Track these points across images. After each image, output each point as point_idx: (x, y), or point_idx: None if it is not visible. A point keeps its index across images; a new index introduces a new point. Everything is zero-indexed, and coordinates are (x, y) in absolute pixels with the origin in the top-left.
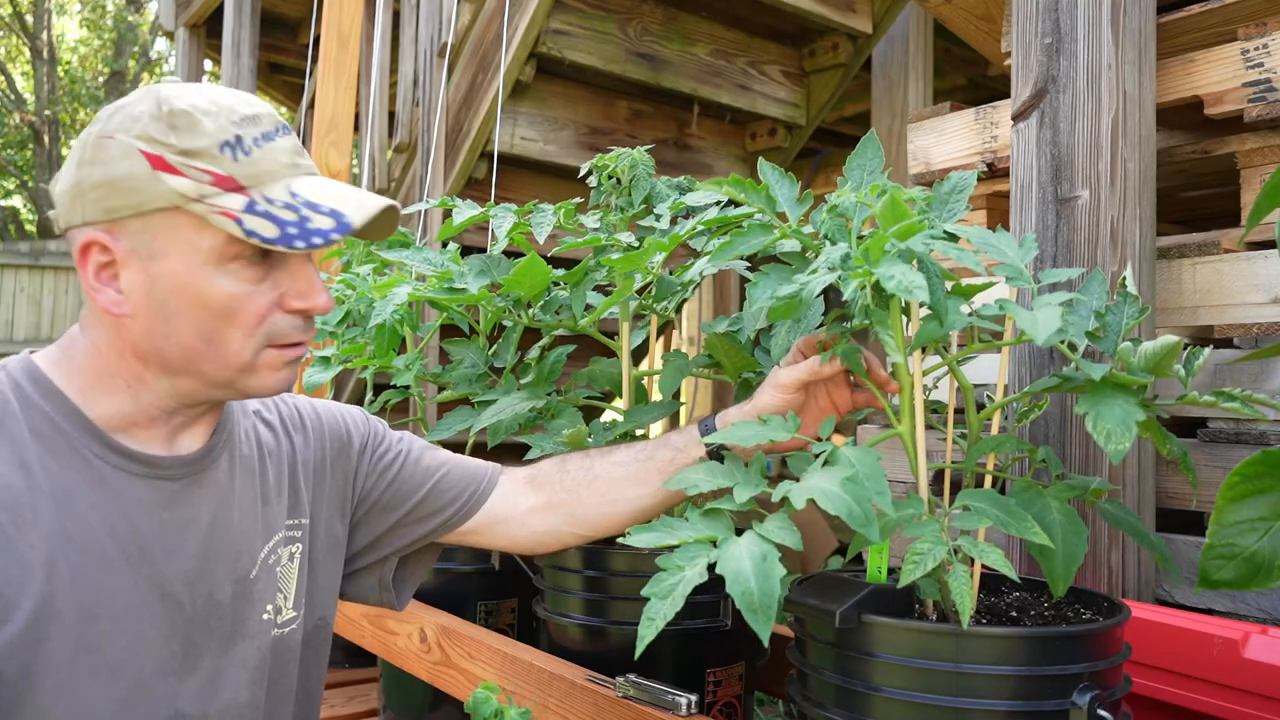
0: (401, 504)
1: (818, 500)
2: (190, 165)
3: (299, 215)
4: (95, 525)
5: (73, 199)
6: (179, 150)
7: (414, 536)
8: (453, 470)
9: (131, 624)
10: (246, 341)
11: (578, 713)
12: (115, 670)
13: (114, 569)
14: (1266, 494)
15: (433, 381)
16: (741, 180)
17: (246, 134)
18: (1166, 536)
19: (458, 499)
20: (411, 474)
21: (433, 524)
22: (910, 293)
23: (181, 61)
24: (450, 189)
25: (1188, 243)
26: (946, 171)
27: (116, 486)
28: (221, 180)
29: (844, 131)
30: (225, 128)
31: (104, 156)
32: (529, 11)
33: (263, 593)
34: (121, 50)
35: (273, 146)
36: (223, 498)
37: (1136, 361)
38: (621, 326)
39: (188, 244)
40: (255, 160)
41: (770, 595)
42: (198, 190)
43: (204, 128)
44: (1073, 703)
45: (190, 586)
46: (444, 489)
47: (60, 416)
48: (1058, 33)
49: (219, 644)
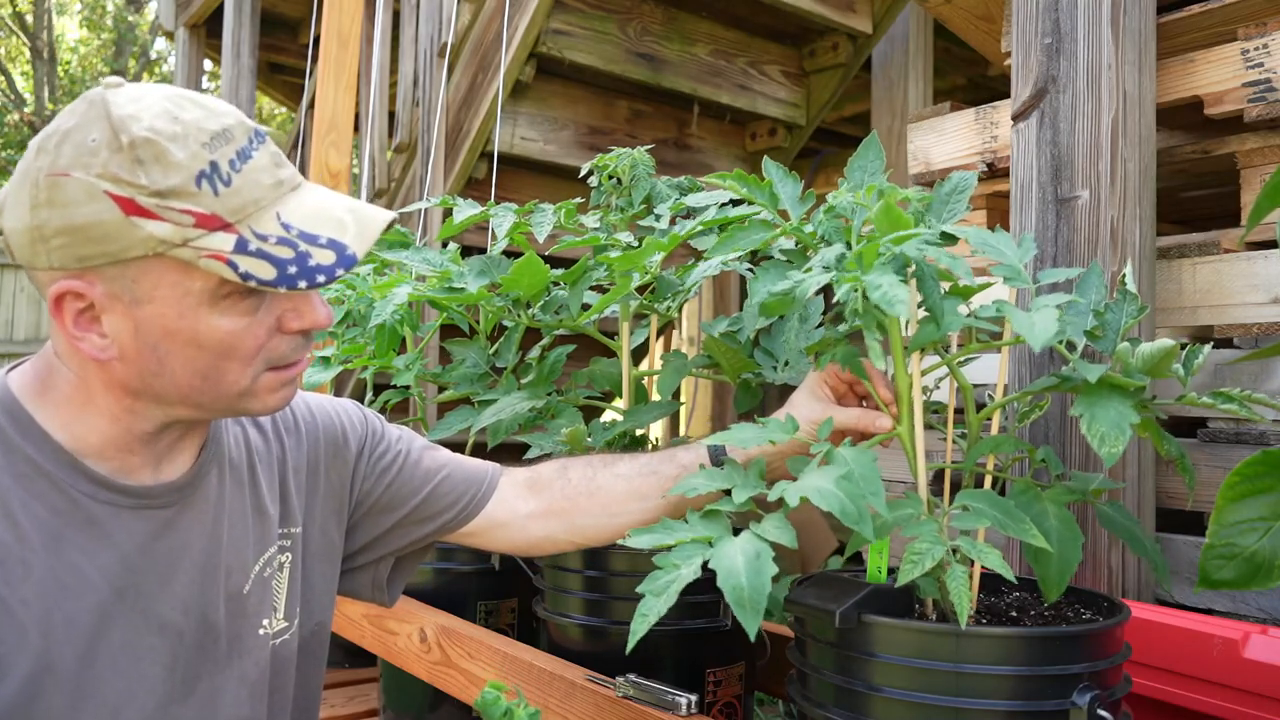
0: (400, 506)
1: (812, 498)
2: (167, 207)
3: (296, 251)
4: (87, 569)
5: (33, 244)
6: (151, 191)
7: (412, 538)
8: (453, 472)
9: (130, 663)
10: (245, 371)
11: (578, 713)
12: (116, 712)
13: (108, 611)
14: (1266, 494)
15: (433, 381)
16: (745, 176)
17: (221, 157)
18: (1166, 537)
19: (457, 502)
20: (411, 475)
21: (431, 526)
22: (891, 306)
23: (181, 61)
24: (450, 189)
25: (1188, 243)
26: (946, 171)
27: (107, 525)
28: (205, 220)
29: (844, 131)
30: (197, 154)
31: (62, 198)
32: (529, 11)
33: (258, 606)
34: (121, 50)
35: (251, 166)
36: (214, 515)
37: (1134, 362)
38: (621, 326)
39: (176, 287)
40: (237, 189)
41: (760, 591)
42: (180, 235)
43: (174, 158)
44: (1073, 703)
45: (186, 613)
46: (444, 491)
47: (43, 458)
48: (1058, 33)
49: (216, 664)
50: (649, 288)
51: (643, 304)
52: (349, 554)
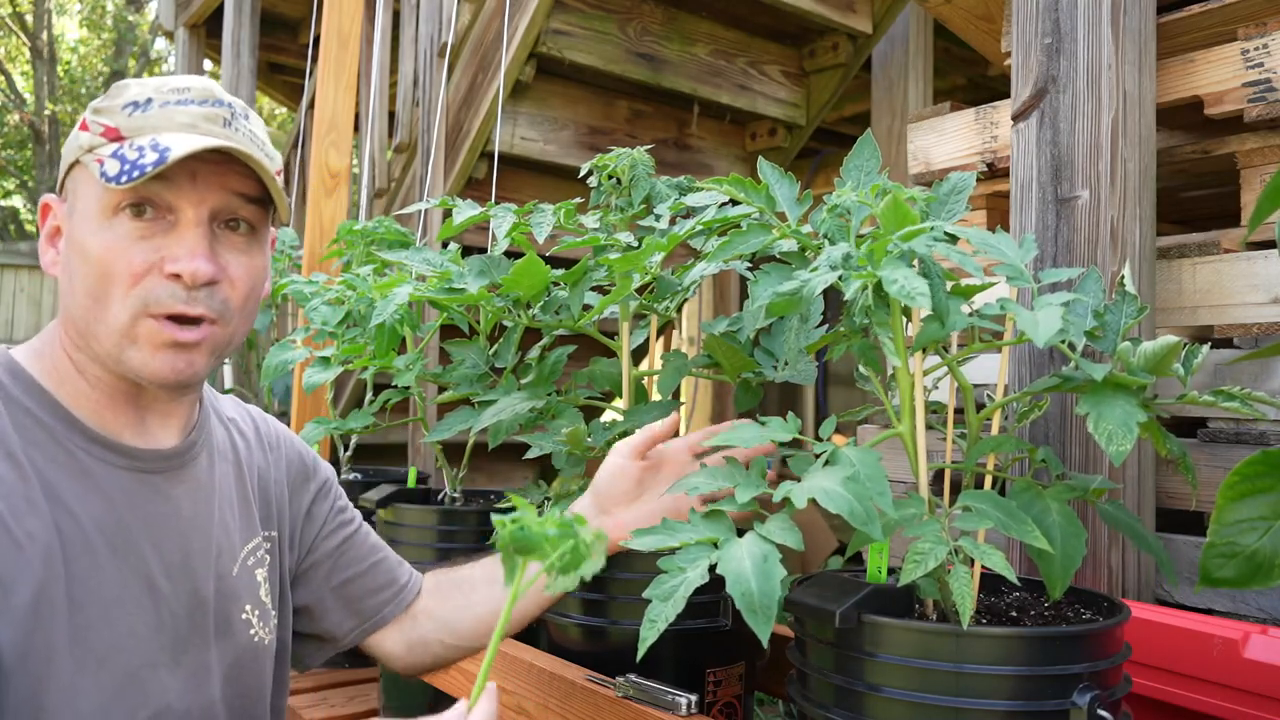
0: (345, 569)
1: (819, 500)
2: (96, 120)
3: (140, 156)
4: (82, 517)
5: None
6: (95, 109)
7: (341, 621)
8: (387, 558)
9: (119, 615)
10: (124, 302)
11: (578, 713)
12: (103, 661)
13: (101, 561)
14: (1266, 493)
15: (433, 381)
16: (741, 179)
17: (161, 98)
18: (1166, 536)
19: (387, 590)
20: (362, 542)
21: (360, 615)
22: (913, 299)
23: (181, 61)
24: (450, 189)
25: (1188, 243)
26: (946, 171)
27: (100, 478)
28: (109, 131)
29: (844, 131)
30: (146, 92)
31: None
32: (529, 11)
33: (242, 592)
34: (121, 50)
35: (180, 110)
36: (204, 494)
37: (1136, 361)
38: (621, 327)
39: (88, 198)
40: (150, 116)
41: (770, 596)
42: (90, 141)
43: (129, 92)
44: (1073, 703)
45: (172, 580)
46: (379, 574)
47: (42, 411)
48: (1058, 33)
49: (204, 639)
50: (649, 288)
51: (642, 304)
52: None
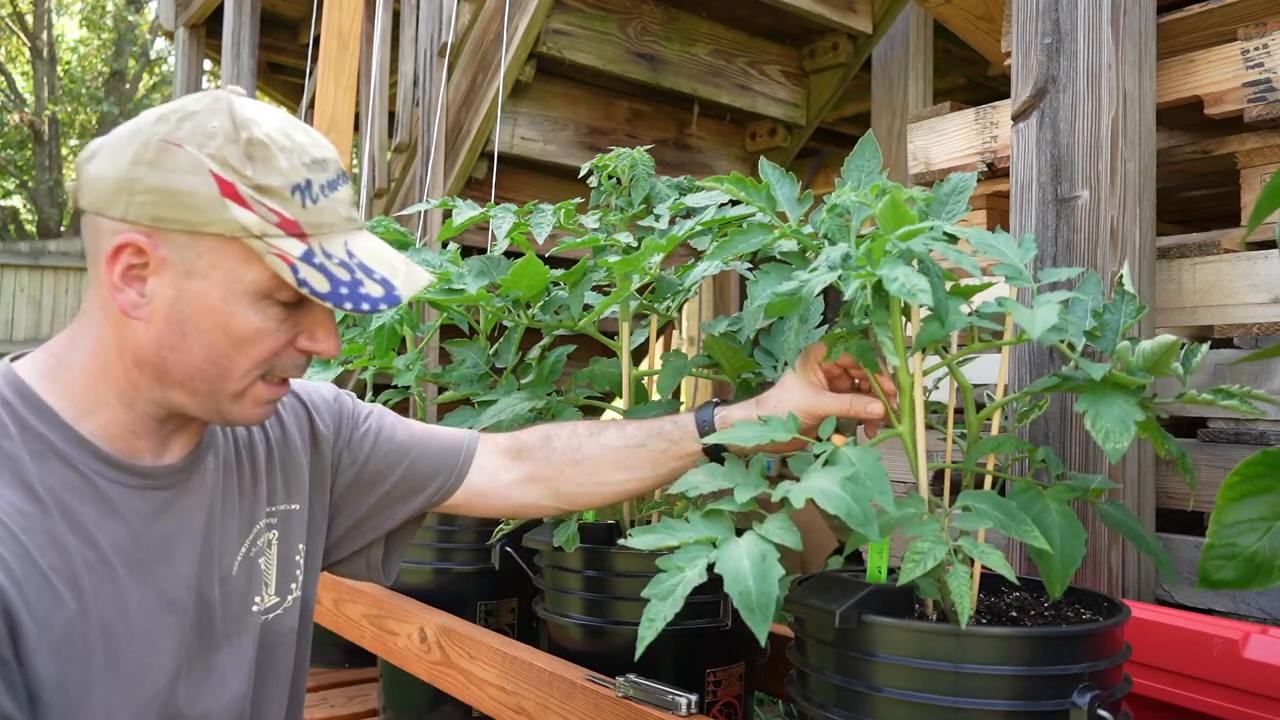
0: (381, 482)
1: (817, 500)
2: (260, 202)
3: (352, 276)
4: (102, 543)
5: (117, 192)
6: (253, 184)
7: (396, 517)
8: (429, 445)
9: (146, 636)
10: (251, 371)
11: (578, 713)
12: (135, 683)
13: (124, 585)
14: (1266, 494)
15: (433, 382)
16: (742, 179)
17: (315, 179)
18: (1166, 536)
19: (437, 475)
20: (387, 451)
21: (416, 501)
22: (913, 296)
23: (181, 61)
24: (450, 189)
25: (1188, 243)
26: (946, 171)
27: (116, 501)
28: (287, 224)
29: (844, 131)
30: (297, 169)
31: (168, 163)
32: (529, 11)
33: (247, 585)
34: (121, 50)
35: (335, 197)
36: (211, 498)
37: (1135, 360)
38: (621, 326)
39: (231, 274)
40: (320, 209)
41: (768, 595)
42: (261, 228)
43: (279, 165)
44: (1073, 703)
45: (189, 591)
46: (423, 465)
47: (55, 436)
48: (1058, 33)
49: (214, 641)
50: (649, 288)
51: (642, 304)
52: (339, 537)
